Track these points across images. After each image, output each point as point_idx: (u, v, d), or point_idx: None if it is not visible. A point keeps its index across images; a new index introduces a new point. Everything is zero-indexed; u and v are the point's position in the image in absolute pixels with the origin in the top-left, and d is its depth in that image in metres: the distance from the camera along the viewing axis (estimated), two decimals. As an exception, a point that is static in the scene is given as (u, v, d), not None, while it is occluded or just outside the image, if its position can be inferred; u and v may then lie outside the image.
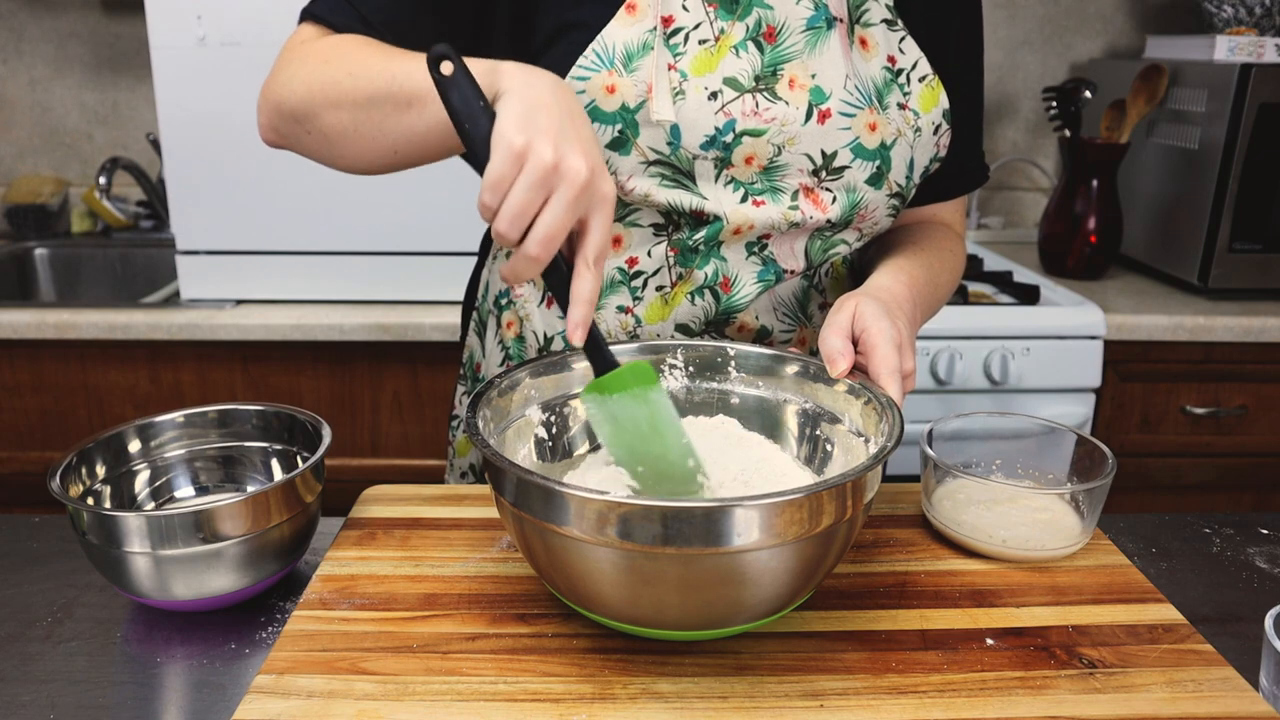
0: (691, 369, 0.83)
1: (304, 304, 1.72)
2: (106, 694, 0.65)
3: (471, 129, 0.63)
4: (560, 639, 0.67)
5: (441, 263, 1.70)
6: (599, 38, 0.79)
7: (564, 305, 0.65)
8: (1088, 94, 1.93)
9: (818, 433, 0.78)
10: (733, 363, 0.82)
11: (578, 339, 0.65)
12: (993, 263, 2.01)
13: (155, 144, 2.07)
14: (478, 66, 0.65)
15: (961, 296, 1.77)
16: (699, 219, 0.84)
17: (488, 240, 1.06)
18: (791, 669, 0.64)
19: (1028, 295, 1.76)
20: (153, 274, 2.11)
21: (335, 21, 0.81)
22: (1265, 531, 0.89)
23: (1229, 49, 1.76)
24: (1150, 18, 2.23)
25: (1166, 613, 0.71)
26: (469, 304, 1.07)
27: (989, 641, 0.67)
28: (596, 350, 0.68)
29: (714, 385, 0.83)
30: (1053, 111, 1.93)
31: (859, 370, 0.75)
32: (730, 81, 0.80)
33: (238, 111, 1.60)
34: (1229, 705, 0.60)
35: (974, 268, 1.92)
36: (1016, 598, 0.72)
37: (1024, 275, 1.91)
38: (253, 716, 0.59)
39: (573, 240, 0.65)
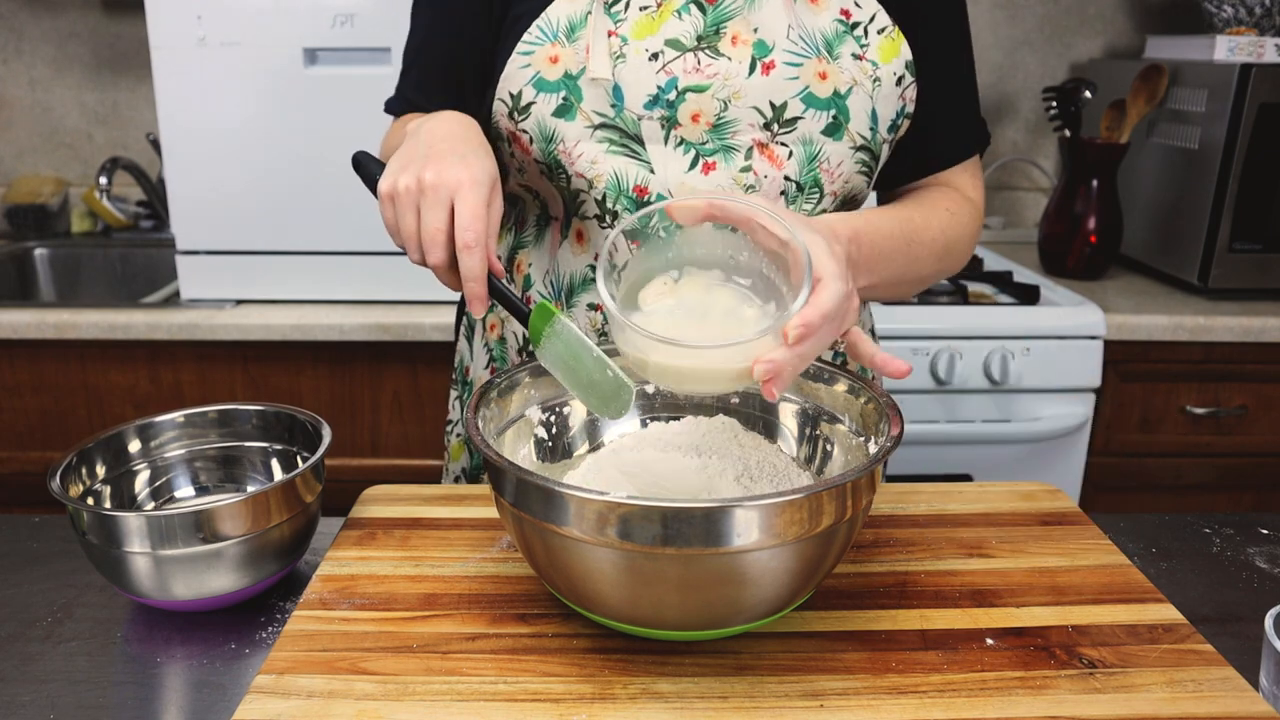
0: (691, 369, 0.82)
1: (304, 304, 1.72)
2: (106, 694, 0.65)
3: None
4: (560, 639, 0.67)
5: (441, 263, 1.69)
6: (543, 14, 0.83)
7: (518, 318, 0.71)
8: (1088, 94, 1.93)
9: (818, 433, 0.78)
10: (733, 363, 0.82)
11: (475, 311, 0.70)
12: (993, 263, 2.01)
13: (155, 144, 2.07)
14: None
15: (961, 296, 1.77)
16: (640, 201, 0.84)
17: None
18: (791, 669, 0.64)
19: (1028, 295, 1.76)
20: (153, 274, 2.11)
21: (394, 108, 0.97)
22: (1265, 531, 0.89)
23: (1229, 49, 1.76)
24: (1150, 18, 2.23)
25: (1166, 613, 0.71)
26: (461, 308, 1.08)
27: (989, 641, 0.67)
28: (510, 308, 0.72)
29: (714, 385, 0.82)
30: (1053, 111, 1.93)
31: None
32: (672, 42, 0.82)
33: (238, 112, 1.61)
34: (1229, 705, 0.60)
35: (974, 268, 1.92)
36: (1016, 598, 0.72)
37: (1024, 275, 1.91)
38: (253, 716, 0.59)
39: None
